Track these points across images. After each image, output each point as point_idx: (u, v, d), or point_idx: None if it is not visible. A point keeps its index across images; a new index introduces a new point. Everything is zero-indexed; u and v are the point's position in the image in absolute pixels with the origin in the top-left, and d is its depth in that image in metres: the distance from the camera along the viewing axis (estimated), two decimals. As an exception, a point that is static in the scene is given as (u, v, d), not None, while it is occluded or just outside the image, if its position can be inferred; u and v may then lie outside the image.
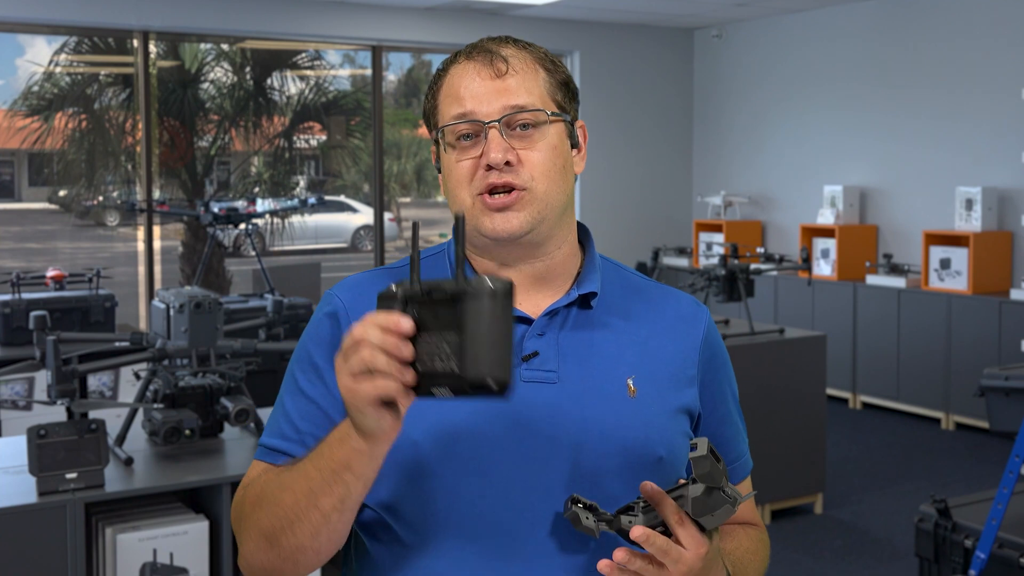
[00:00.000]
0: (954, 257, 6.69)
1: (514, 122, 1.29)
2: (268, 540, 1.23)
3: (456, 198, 1.31)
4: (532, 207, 1.28)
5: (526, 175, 1.28)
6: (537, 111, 1.29)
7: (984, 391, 2.92)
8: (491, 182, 1.27)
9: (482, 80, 1.29)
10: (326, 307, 1.35)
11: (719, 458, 1.14)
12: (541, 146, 1.29)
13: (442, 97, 1.32)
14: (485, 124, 1.28)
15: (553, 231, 1.32)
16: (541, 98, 1.31)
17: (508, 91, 1.29)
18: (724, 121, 8.86)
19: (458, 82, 1.31)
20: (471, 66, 1.31)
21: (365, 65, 8.55)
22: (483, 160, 1.28)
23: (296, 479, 1.19)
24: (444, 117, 1.31)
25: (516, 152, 1.28)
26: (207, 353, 2.91)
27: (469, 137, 1.29)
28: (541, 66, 1.33)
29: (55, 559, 2.45)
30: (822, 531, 4.77)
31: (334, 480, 1.14)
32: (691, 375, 1.36)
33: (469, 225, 1.30)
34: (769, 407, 4.73)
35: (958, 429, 6.60)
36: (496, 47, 1.32)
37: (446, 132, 1.31)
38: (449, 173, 1.31)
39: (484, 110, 1.28)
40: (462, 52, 1.33)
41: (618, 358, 1.32)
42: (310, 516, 1.18)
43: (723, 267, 4.93)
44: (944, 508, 2.94)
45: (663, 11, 8.19)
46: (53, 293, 4.76)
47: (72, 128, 7.94)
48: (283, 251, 8.74)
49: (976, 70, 6.90)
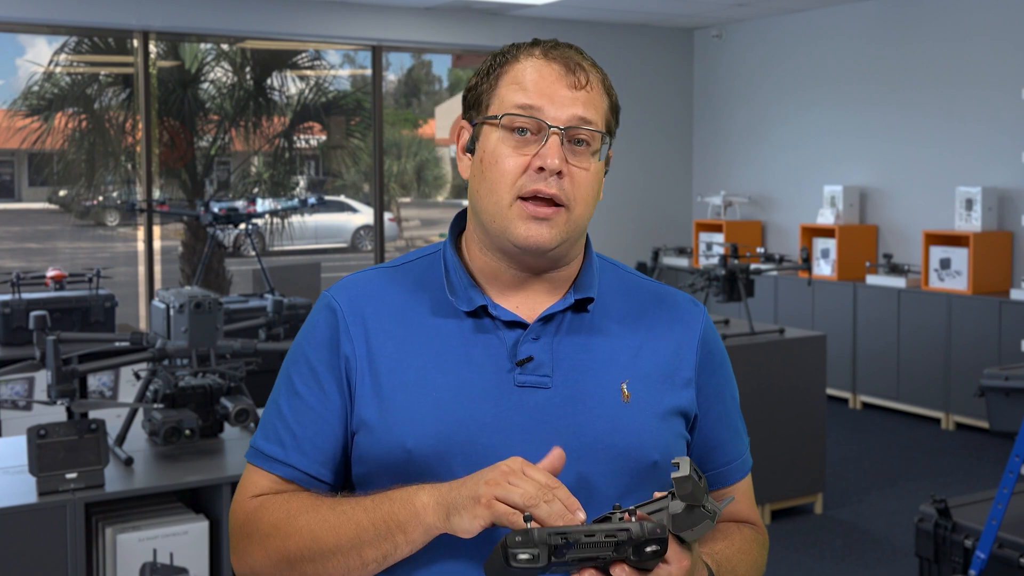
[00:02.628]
0: (954, 257, 6.69)
1: (575, 136, 1.27)
2: (289, 564, 1.24)
3: (493, 192, 1.28)
4: (566, 227, 1.28)
5: (570, 192, 1.27)
6: (598, 132, 1.29)
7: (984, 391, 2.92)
8: (542, 188, 1.26)
9: (560, 84, 1.28)
10: (323, 309, 1.35)
11: (701, 475, 1.14)
12: (589, 166, 1.29)
13: (506, 83, 1.30)
14: (549, 127, 1.26)
15: (572, 249, 1.33)
16: (604, 121, 1.31)
17: (580, 103, 1.28)
18: (724, 121, 8.86)
19: (533, 76, 1.28)
20: (551, 67, 1.29)
21: (365, 65, 8.55)
22: (537, 161, 1.26)
23: (343, 522, 1.20)
24: (505, 103, 1.28)
25: (569, 166, 1.27)
26: (207, 353, 2.91)
27: (524, 132, 1.27)
28: (605, 89, 1.33)
29: (55, 559, 2.45)
30: (822, 531, 4.77)
31: (386, 537, 1.17)
32: (687, 376, 1.36)
33: (497, 226, 1.28)
34: (769, 407, 4.73)
35: (958, 429, 6.60)
36: (579, 58, 1.31)
37: (503, 120, 1.28)
38: (493, 161, 1.28)
39: (554, 113, 1.27)
40: (536, 47, 1.31)
41: (613, 362, 1.31)
42: (348, 560, 1.20)
43: (723, 267, 4.93)
44: (944, 508, 2.94)
45: (663, 11, 8.19)
46: (53, 293, 4.76)
47: (72, 128, 7.93)
48: (283, 251, 8.74)
49: (976, 70, 6.90)
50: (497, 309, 1.31)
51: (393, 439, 1.26)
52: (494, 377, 1.28)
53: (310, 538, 1.22)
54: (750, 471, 1.46)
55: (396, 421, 1.26)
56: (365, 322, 1.31)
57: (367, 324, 1.31)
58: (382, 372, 1.29)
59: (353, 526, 1.19)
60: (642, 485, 1.29)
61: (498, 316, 1.30)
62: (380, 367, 1.29)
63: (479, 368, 1.28)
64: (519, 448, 1.24)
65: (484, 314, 1.31)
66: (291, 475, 1.31)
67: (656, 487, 1.30)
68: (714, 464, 1.41)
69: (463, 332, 1.30)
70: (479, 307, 1.31)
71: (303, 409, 1.31)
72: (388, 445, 1.26)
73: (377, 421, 1.27)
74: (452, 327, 1.30)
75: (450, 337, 1.30)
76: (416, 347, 1.30)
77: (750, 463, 1.45)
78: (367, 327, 1.31)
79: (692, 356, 1.36)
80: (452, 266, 1.34)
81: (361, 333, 1.30)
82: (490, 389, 1.27)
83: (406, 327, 1.31)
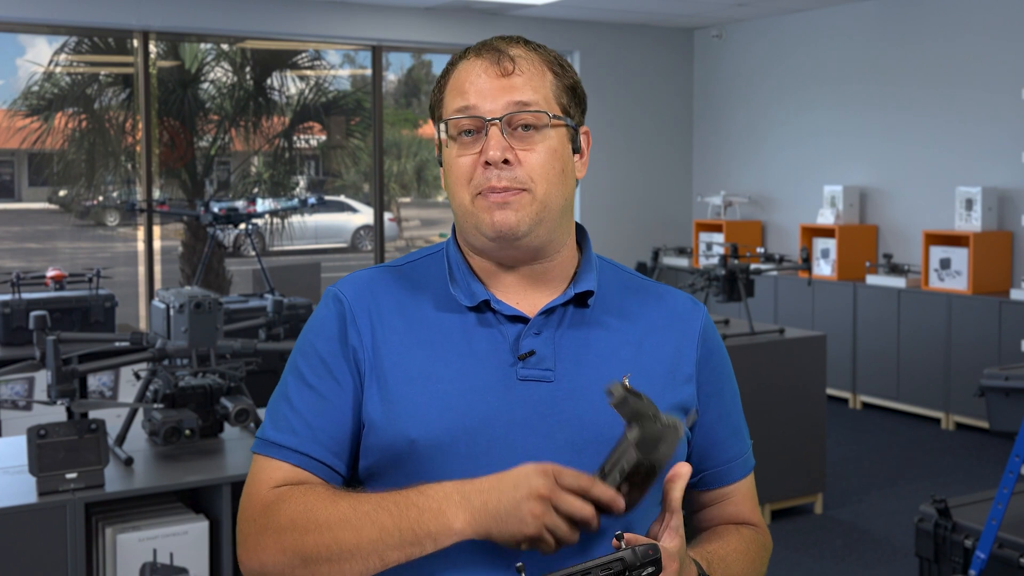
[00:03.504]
0: (954, 257, 6.69)
1: (515, 121, 1.29)
2: (304, 561, 1.22)
3: (456, 196, 1.32)
4: (531, 207, 1.28)
5: (524, 176, 1.28)
6: (540, 112, 1.29)
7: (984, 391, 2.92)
8: (491, 184, 1.28)
9: (488, 77, 1.30)
10: (330, 302, 1.35)
11: (639, 394, 1.15)
12: (540, 148, 1.29)
13: (448, 91, 1.33)
14: (487, 121, 1.28)
15: (552, 235, 1.32)
16: (546, 100, 1.31)
17: (513, 89, 1.29)
18: (724, 121, 8.86)
19: (464, 77, 1.31)
20: (479, 63, 1.31)
21: (365, 65, 8.55)
22: (482, 156, 1.28)
23: (365, 524, 1.19)
24: (448, 110, 1.31)
25: (515, 152, 1.28)
26: (207, 353, 2.91)
27: (471, 133, 1.30)
28: (549, 68, 1.33)
29: (55, 559, 2.45)
30: (822, 531, 4.77)
31: (413, 543, 1.17)
32: (688, 373, 1.36)
33: (469, 224, 1.31)
34: (769, 407, 4.73)
35: (958, 429, 6.60)
36: (505, 46, 1.32)
37: (448, 125, 1.31)
38: (449, 168, 1.32)
39: (487, 107, 1.29)
40: (472, 48, 1.34)
41: (614, 356, 1.32)
42: (369, 561, 1.19)
43: (723, 267, 4.93)
44: (944, 508, 2.94)
45: (663, 11, 8.19)
46: (53, 293, 4.76)
47: (72, 128, 7.93)
48: (283, 251, 8.74)
49: (976, 70, 6.90)
50: (499, 303, 1.32)
51: (397, 430, 1.27)
52: (497, 370, 1.29)
53: (330, 537, 1.20)
54: (752, 472, 1.45)
55: (400, 413, 1.27)
56: (370, 315, 1.32)
57: (372, 317, 1.32)
58: (387, 365, 1.29)
59: (377, 529, 1.18)
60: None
61: (500, 310, 1.31)
62: (385, 360, 1.30)
63: (482, 361, 1.29)
64: (521, 441, 1.25)
65: (486, 308, 1.32)
66: (308, 465, 1.29)
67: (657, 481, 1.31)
68: (713, 462, 1.41)
69: (466, 326, 1.31)
70: (481, 301, 1.32)
71: (316, 400, 1.30)
72: (392, 436, 1.27)
73: (381, 413, 1.28)
74: (455, 321, 1.31)
75: (453, 331, 1.31)
76: (419, 340, 1.31)
77: (752, 464, 1.45)
78: (372, 320, 1.32)
79: (692, 353, 1.37)
80: (455, 262, 1.36)
81: (367, 325, 1.31)
82: (493, 382, 1.28)
83: (409, 321, 1.32)
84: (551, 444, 1.26)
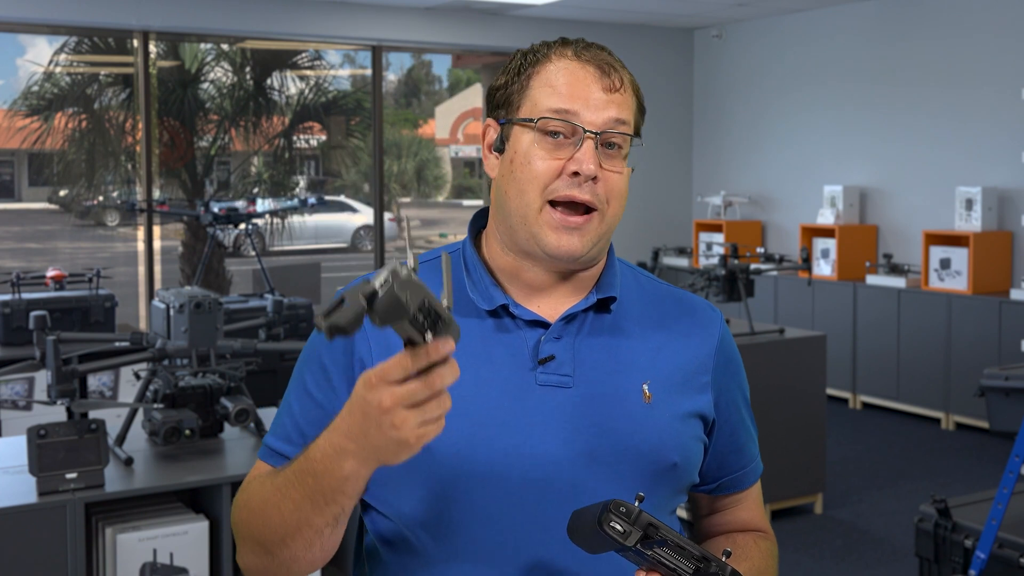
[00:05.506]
0: (954, 257, 6.69)
1: (608, 139, 1.26)
2: (263, 548, 1.23)
3: (523, 195, 1.26)
4: (598, 231, 1.27)
5: (603, 194, 1.26)
6: (630, 135, 1.28)
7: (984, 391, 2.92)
8: (575, 194, 1.24)
9: (595, 87, 1.26)
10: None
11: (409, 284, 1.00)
12: (622, 169, 1.28)
13: (539, 84, 1.28)
14: (584, 132, 1.25)
15: (603, 252, 1.32)
16: (635, 123, 1.29)
17: (615, 106, 1.26)
18: (724, 121, 8.86)
19: (567, 78, 1.26)
20: (585, 69, 1.27)
21: (365, 65, 8.55)
22: (572, 166, 1.24)
23: (282, 500, 1.18)
24: (538, 106, 1.26)
25: (602, 170, 1.26)
26: (207, 353, 2.91)
27: (557, 135, 1.26)
28: (635, 92, 1.31)
29: (55, 559, 2.45)
30: (822, 531, 4.77)
31: (327, 503, 1.13)
32: (705, 381, 1.35)
33: (526, 231, 1.27)
34: (769, 407, 4.72)
35: (958, 429, 6.60)
36: (611, 59, 1.29)
37: (537, 123, 1.26)
38: (525, 163, 1.26)
39: (589, 117, 1.25)
40: (567, 47, 1.29)
41: (634, 364, 1.30)
42: (303, 533, 1.18)
43: (723, 267, 4.93)
44: (944, 508, 2.94)
45: (663, 11, 8.19)
46: (53, 293, 4.76)
47: (72, 128, 7.93)
48: (283, 251, 8.74)
49: (976, 70, 6.90)
50: (518, 308, 1.30)
51: None
52: (515, 376, 1.27)
53: (267, 516, 1.20)
54: (760, 476, 1.45)
55: None
56: None
57: None
58: None
59: (292, 503, 1.16)
60: (660, 486, 1.28)
61: (519, 315, 1.29)
62: None
63: (500, 367, 1.27)
64: (540, 448, 1.24)
65: (505, 313, 1.30)
66: None
67: (674, 488, 1.31)
68: (731, 469, 1.41)
69: (484, 331, 1.29)
70: (500, 306, 1.29)
71: (313, 408, 1.30)
72: None
73: None
74: (472, 326, 1.28)
75: (471, 336, 1.28)
76: None
77: (761, 468, 1.45)
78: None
79: (710, 361, 1.36)
80: (472, 264, 1.33)
81: (378, 332, 1.27)
82: (511, 388, 1.26)
83: None
84: (569, 451, 1.25)
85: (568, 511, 1.21)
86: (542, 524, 1.23)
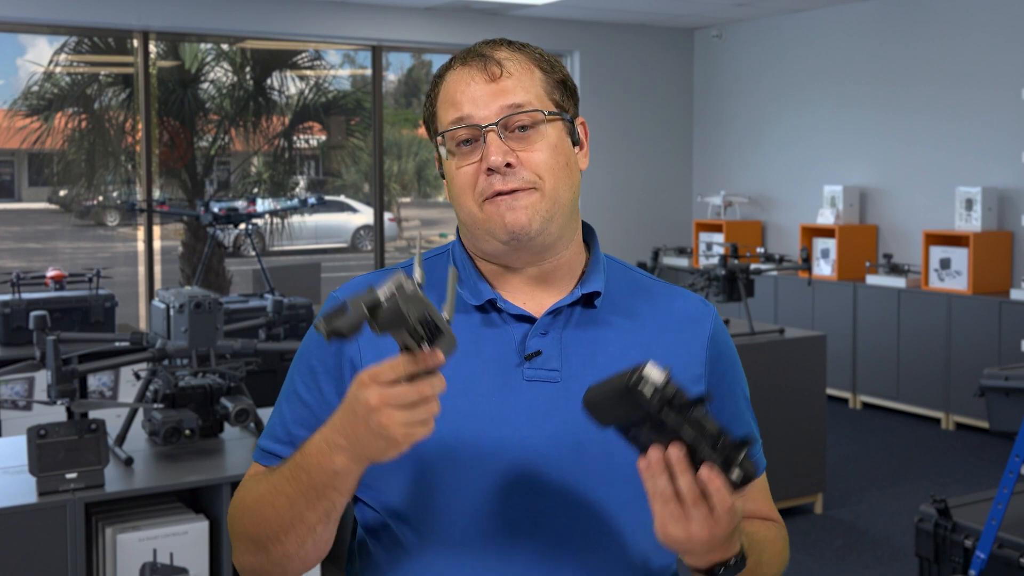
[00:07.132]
0: (954, 257, 6.69)
1: (512, 124, 1.28)
2: (257, 546, 1.25)
3: (462, 206, 1.31)
4: (542, 205, 1.28)
5: (530, 176, 1.27)
6: (534, 111, 1.29)
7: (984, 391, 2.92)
8: (496, 189, 1.27)
9: (477, 84, 1.29)
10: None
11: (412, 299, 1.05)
12: (541, 146, 1.29)
13: (440, 104, 1.32)
14: (483, 128, 1.27)
15: (563, 231, 1.32)
16: (538, 98, 1.30)
17: (504, 93, 1.28)
18: (724, 121, 8.86)
19: (454, 88, 1.30)
20: (466, 71, 1.30)
21: (365, 65, 8.55)
22: (483, 164, 1.27)
23: (276, 496, 1.20)
24: (442, 123, 1.31)
25: (516, 154, 1.27)
26: (207, 353, 2.91)
27: (469, 143, 1.29)
28: (537, 66, 1.32)
29: (55, 559, 2.45)
30: (822, 531, 4.77)
31: (319, 498, 1.16)
32: (697, 374, 1.35)
33: (480, 231, 1.30)
34: (769, 407, 4.72)
35: (958, 429, 6.60)
36: (490, 51, 1.32)
37: (446, 138, 1.30)
38: (452, 180, 1.31)
39: (481, 114, 1.28)
40: (457, 57, 1.33)
41: (622, 357, 1.31)
42: (296, 529, 1.20)
43: (723, 267, 4.93)
44: (944, 508, 2.94)
45: (663, 11, 8.19)
46: (53, 293, 4.76)
47: (72, 128, 7.93)
48: (283, 251, 8.74)
49: (976, 70, 6.90)
50: (505, 303, 1.31)
51: None
52: (502, 371, 1.28)
53: (260, 514, 1.23)
54: (764, 470, 1.45)
55: None
56: None
57: None
58: None
59: (285, 499, 1.19)
60: None
61: (506, 310, 1.31)
62: None
63: (487, 362, 1.29)
64: (528, 442, 1.25)
65: (492, 308, 1.32)
66: None
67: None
68: None
69: (472, 326, 1.31)
70: (487, 301, 1.31)
71: (301, 408, 1.32)
72: None
73: None
74: (460, 321, 1.30)
75: (458, 331, 1.27)
76: None
77: (764, 462, 1.44)
78: None
79: (702, 354, 1.37)
80: (461, 261, 1.35)
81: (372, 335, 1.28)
82: (499, 383, 1.28)
83: None
84: (557, 445, 1.26)
85: (555, 503, 1.23)
86: (530, 515, 1.25)
